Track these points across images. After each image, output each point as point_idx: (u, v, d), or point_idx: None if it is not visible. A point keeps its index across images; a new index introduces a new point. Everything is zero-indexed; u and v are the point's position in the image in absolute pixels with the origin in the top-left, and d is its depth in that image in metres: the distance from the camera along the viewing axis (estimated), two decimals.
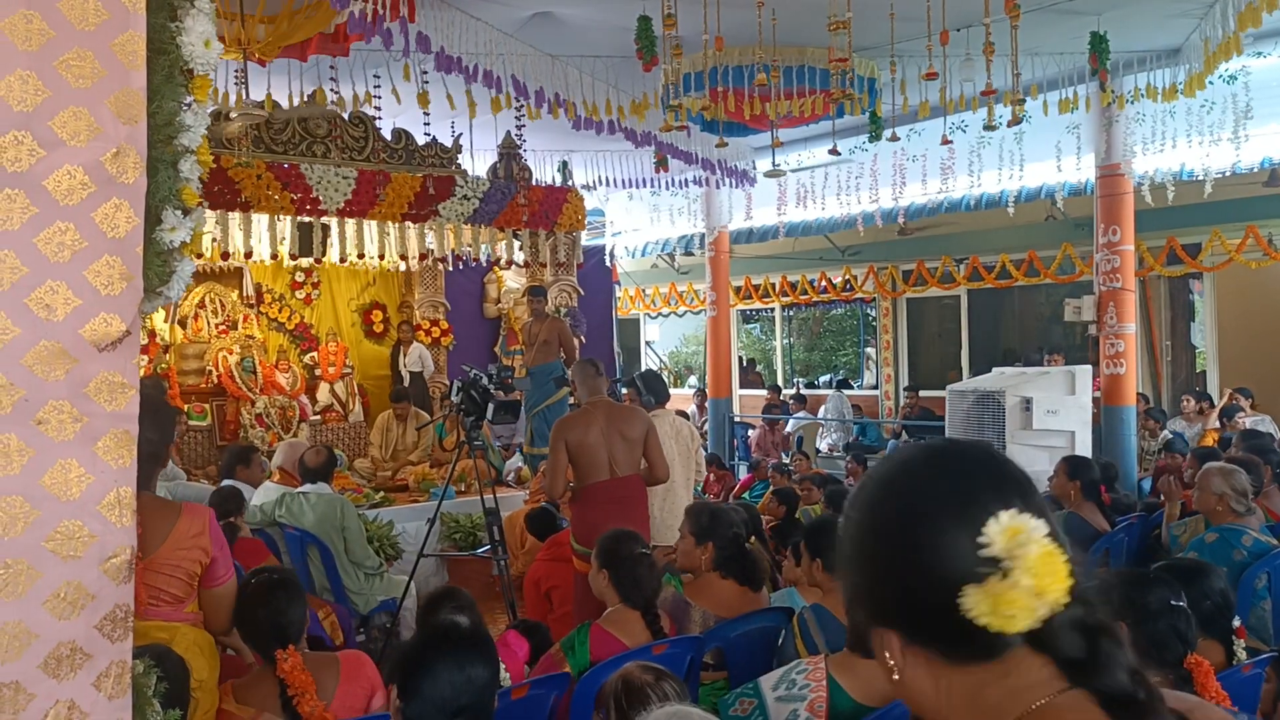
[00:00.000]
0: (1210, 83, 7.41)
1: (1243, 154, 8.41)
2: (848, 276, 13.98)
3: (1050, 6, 6.68)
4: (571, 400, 7.83)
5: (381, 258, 9.01)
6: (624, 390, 6.93)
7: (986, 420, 8.32)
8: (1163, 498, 5.83)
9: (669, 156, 9.34)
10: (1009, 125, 6.65)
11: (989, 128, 6.78)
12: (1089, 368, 8.63)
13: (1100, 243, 8.66)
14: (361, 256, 9.39)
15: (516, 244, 8.64)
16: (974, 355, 13.11)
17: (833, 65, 6.16)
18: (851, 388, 15.26)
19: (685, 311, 16.42)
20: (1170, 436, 8.98)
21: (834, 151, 7.59)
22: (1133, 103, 8.11)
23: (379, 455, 9.64)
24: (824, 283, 14.30)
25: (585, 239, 9.67)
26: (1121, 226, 8.56)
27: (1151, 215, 9.14)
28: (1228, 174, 8.66)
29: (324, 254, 8.36)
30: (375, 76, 7.33)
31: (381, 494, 8.28)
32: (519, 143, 8.45)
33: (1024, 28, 5.93)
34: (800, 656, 3.35)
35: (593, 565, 3.80)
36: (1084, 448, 7.94)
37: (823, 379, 16.28)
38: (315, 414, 9.95)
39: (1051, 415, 8.04)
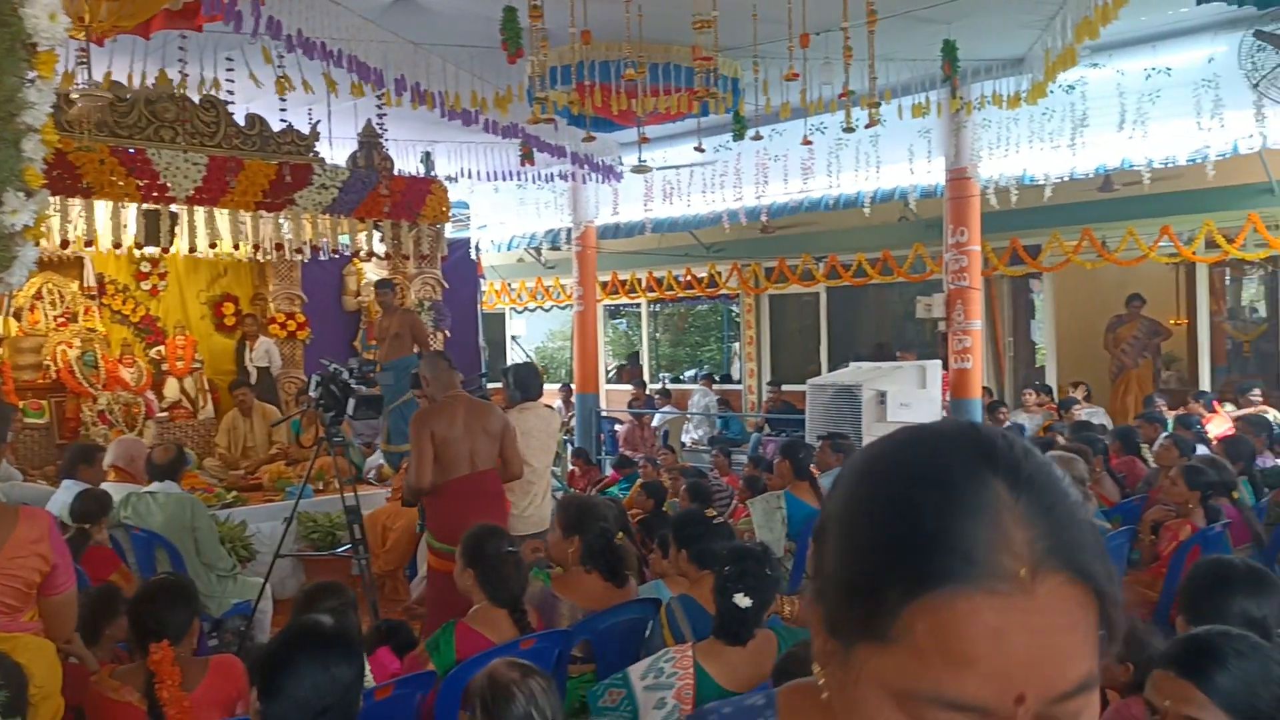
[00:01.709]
0: (1050, 91, 7.81)
1: (1079, 160, 8.91)
2: (712, 273, 14.19)
3: (905, 14, 6.92)
4: (418, 395, 7.69)
5: (235, 248, 8.67)
6: (490, 385, 6.86)
7: (844, 413, 8.60)
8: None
9: (535, 150, 9.29)
10: (866, 127, 6.86)
11: (847, 130, 6.99)
12: (939, 362, 9.01)
13: (949, 243, 9.03)
14: (213, 246, 9.01)
15: (377, 235, 8.44)
16: (833, 350, 13.50)
17: (697, 64, 6.23)
18: (717, 382, 15.51)
19: (552, 306, 16.37)
20: (1009, 426, 9.44)
21: (699, 149, 7.69)
22: (979, 109, 8.48)
23: (228, 454, 9.29)
24: (689, 279, 14.49)
25: (449, 231, 9.53)
26: (969, 228, 8.94)
27: (996, 217, 9.59)
28: (1066, 179, 9.16)
29: (172, 243, 7.98)
30: (229, 60, 7.04)
31: (234, 493, 7.98)
32: (380, 131, 8.25)
33: (880, 34, 6.13)
34: (668, 646, 3.39)
35: (458, 563, 3.75)
36: None
37: (688, 374, 16.48)
38: (162, 411, 9.51)
39: (904, 408, 8.36)
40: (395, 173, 8.69)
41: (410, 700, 3.23)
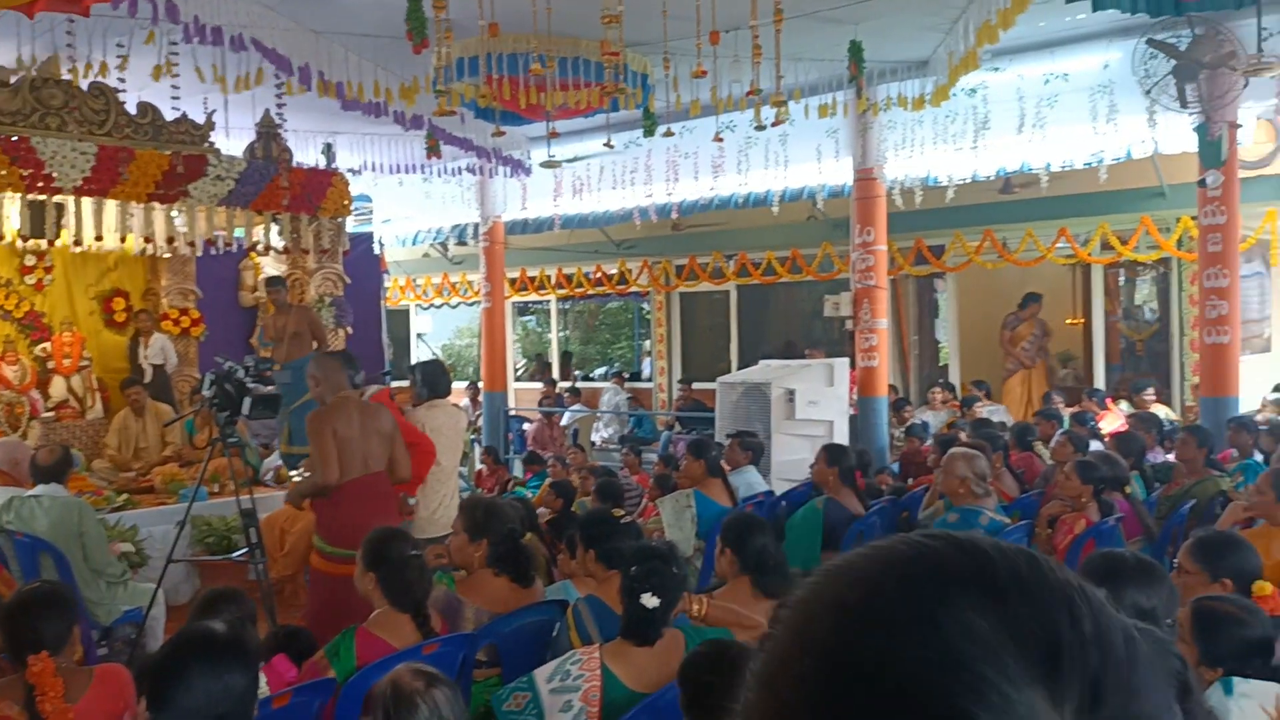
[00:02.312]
0: (953, 94, 7.97)
1: (981, 162, 9.11)
2: (623, 270, 14.16)
3: (812, 14, 6.97)
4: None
5: (124, 241, 8.32)
6: (392, 382, 6.70)
7: (754, 411, 8.64)
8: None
9: (441, 142, 9.13)
10: (773, 125, 6.90)
11: (758, 128, 7.02)
12: (846, 360, 9.13)
13: (856, 242, 9.16)
14: (101, 239, 8.63)
15: (275, 229, 8.18)
16: (743, 348, 13.58)
17: (606, 59, 6.19)
18: (627, 380, 15.49)
19: (459, 303, 16.16)
20: (913, 423, 9.61)
21: (608, 145, 7.64)
22: (885, 110, 8.62)
23: (118, 455, 8.91)
24: (599, 276, 14.42)
25: (351, 225, 9.31)
26: (875, 228, 9.08)
27: (901, 218, 9.75)
28: (968, 181, 9.36)
29: (58, 236, 7.61)
30: (120, 45, 6.75)
31: (124, 496, 7.65)
32: (279, 122, 8.01)
33: (788, 33, 6.17)
34: (575, 648, 3.34)
35: (358, 567, 3.64)
36: (842, 436, 8.39)
37: (598, 371, 16.43)
38: (48, 410, 9.08)
39: (813, 406, 8.43)
40: (295, 164, 8.44)
41: (309, 708, 3.15)
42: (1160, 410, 9.40)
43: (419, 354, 16.44)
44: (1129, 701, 0.50)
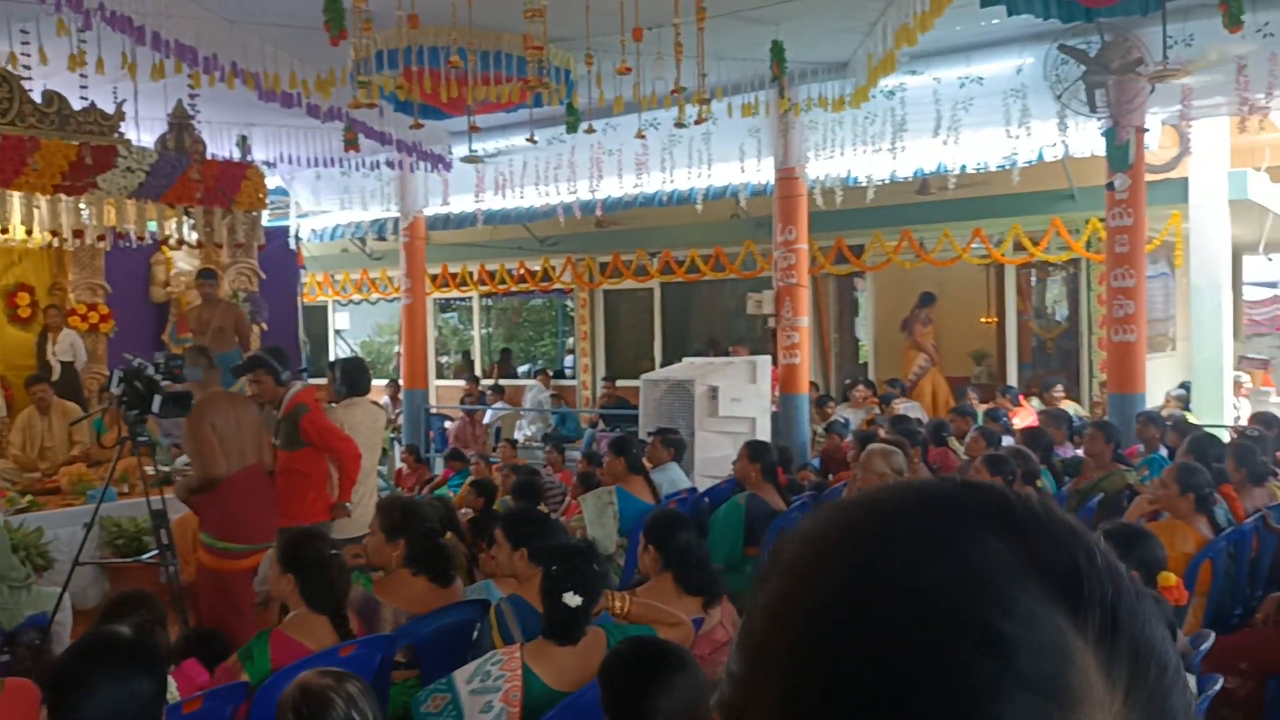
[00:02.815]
0: (872, 96, 8.09)
1: (899, 164, 9.27)
2: (546, 267, 14.09)
3: (734, 13, 7.01)
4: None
5: (29, 234, 8.02)
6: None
7: (678, 408, 8.67)
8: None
9: (360, 135, 8.97)
10: (696, 123, 6.92)
11: (679, 125, 7.04)
12: (768, 358, 9.21)
13: (778, 241, 9.24)
14: (5, 232, 8.31)
15: (188, 222, 7.96)
16: (666, 346, 13.63)
17: (529, 53, 6.14)
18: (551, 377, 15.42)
19: (378, 299, 15.92)
20: (834, 419, 9.75)
21: (531, 140, 7.59)
22: (807, 111, 8.71)
23: (23, 455, 8.58)
24: (522, 272, 14.34)
25: (267, 219, 9.09)
26: (797, 227, 9.17)
27: (823, 217, 9.87)
28: (887, 182, 9.51)
29: None
30: (24, 32, 6.50)
31: (29, 497, 7.37)
32: (192, 113, 7.79)
33: (710, 32, 6.19)
34: (497, 648, 3.31)
35: (274, 569, 3.55)
36: (764, 433, 8.46)
37: (522, 369, 16.34)
38: None
39: (736, 403, 8.49)
40: (208, 156, 8.23)
41: (221, 713, 3.07)
42: (1070, 406, 9.68)
43: (338, 351, 16.17)
44: (1142, 629, 0.51)
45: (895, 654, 0.48)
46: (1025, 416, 9.60)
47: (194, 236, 8.05)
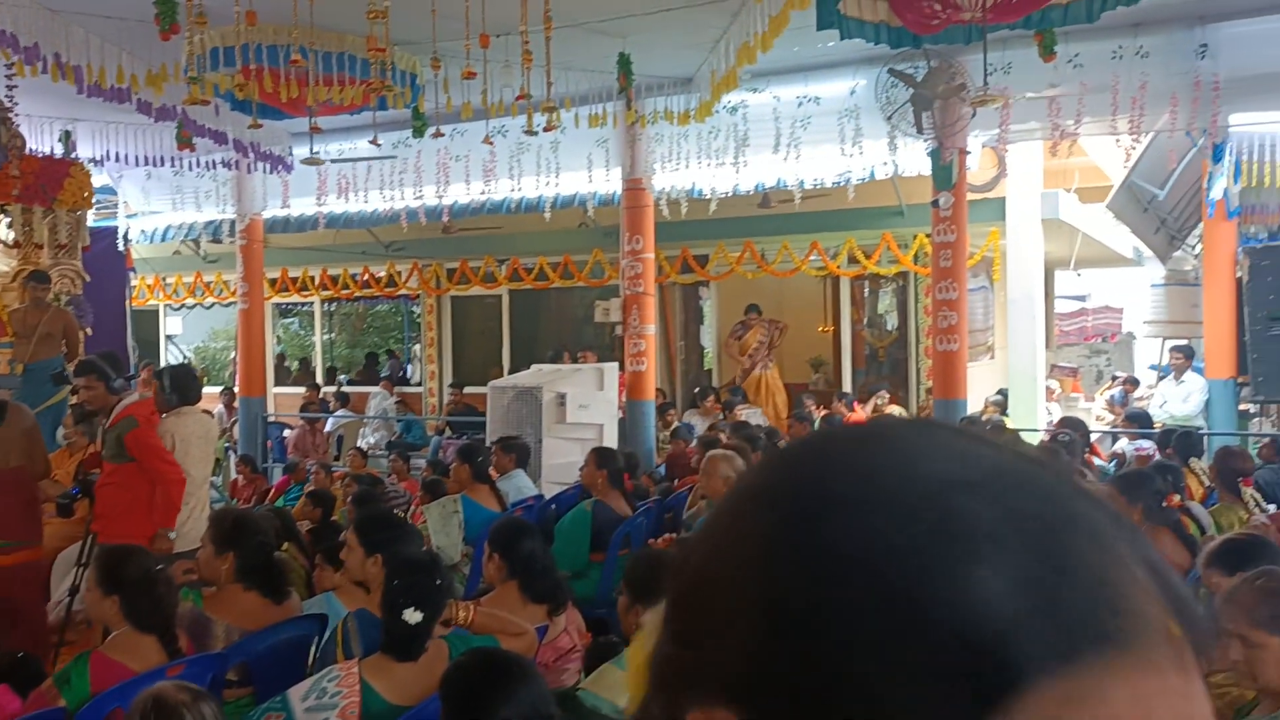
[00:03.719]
0: (716, 111, 8.30)
1: (742, 178, 9.53)
2: (391, 272, 13.84)
3: (582, 24, 7.08)
4: (74, 399, 6.94)
5: None
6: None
7: (525, 415, 8.67)
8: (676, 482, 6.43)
9: (194, 134, 8.62)
10: (544, 131, 6.96)
11: (528, 133, 7.06)
12: (615, 365, 9.32)
13: (626, 250, 9.36)
14: None
15: (5, 220, 7.49)
16: (515, 353, 13.58)
17: (372, 55, 6.05)
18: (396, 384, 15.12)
19: (213, 303, 15.29)
20: (678, 425, 9.93)
21: (375, 143, 7.47)
22: (653, 123, 8.86)
23: None
24: (367, 277, 14.04)
25: (93, 219, 8.63)
26: (644, 236, 9.32)
27: (669, 227, 10.06)
28: (730, 194, 9.77)
29: None
30: None
31: None
32: (9, 105, 7.34)
33: (558, 42, 6.24)
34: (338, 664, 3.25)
35: (94, 591, 3.39)
36: (611, 439, 8.56)
37: (342, 377, 15.95)
38: None
39: (583, 409, 8.56)
40: (28, 152, 7.76)
41: None
42: (898, 411, 10.14)
43: (169, 357, 15.44)
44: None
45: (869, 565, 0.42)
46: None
47: (11, 235, 7.58)
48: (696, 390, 11.95)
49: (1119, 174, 10.45)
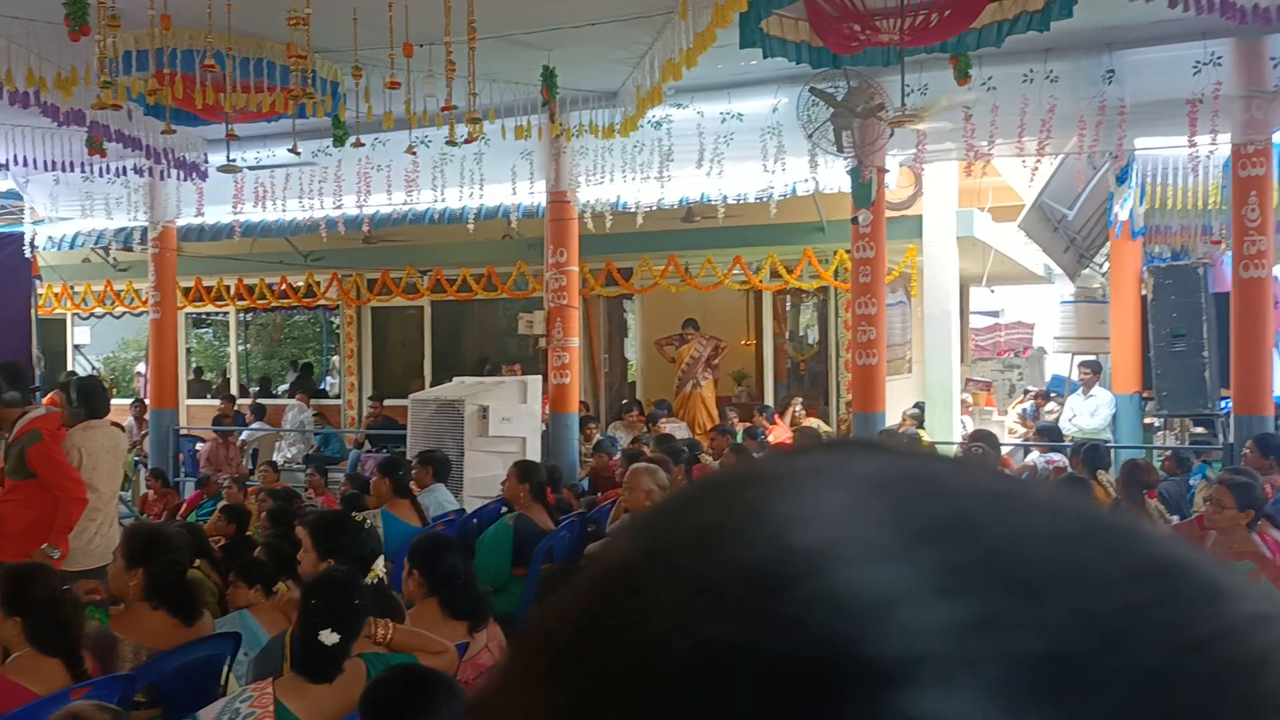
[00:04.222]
0: (641, 126, 8.34)
1: (666, 192, 9.59)
2: (310, 282, 13.61)
3: (506, 35, 7.07)
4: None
5: None
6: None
7: (447, 428, 8.58)
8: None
9: (105, 139, 8.38)
10: (467, 143, 6.92)
11: (450, 143, 7.01)
12: (539, 378, 9.28)
13: (550, 262, 9.34)
14: None
15: None
16: (436, 365, 13.44)
17: (292, 62, 5.95)
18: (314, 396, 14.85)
19: (124, 313, 14.85)
20: (601, 438, 9.92)
21: (294, 151, 7.34)
22: (578, 137, 8.87)
23: None
24: (284, 287, 13.78)
25: None
26: (568, 249, 9.31)
27: (593, 240, 10.07)
28: (654, 208, 9.83)
29: None
30: None
31: None
32: None
33: (483, 53, 6.22)
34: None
35: None
36: (535, 452, 8.51)
37: (282, 388, 15.65)
38: None
39: (506, 423, 8.50)
40: None
41: None
42: (815, 423, 10.29)
43: (78, 368, 14.94)
44: None
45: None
46: (781, 434, 10.12)
47: None
48: (624, 402, 11.97)
49: (1030, 194, 10.77)
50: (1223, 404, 8.39)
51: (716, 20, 5.77)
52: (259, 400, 13.86)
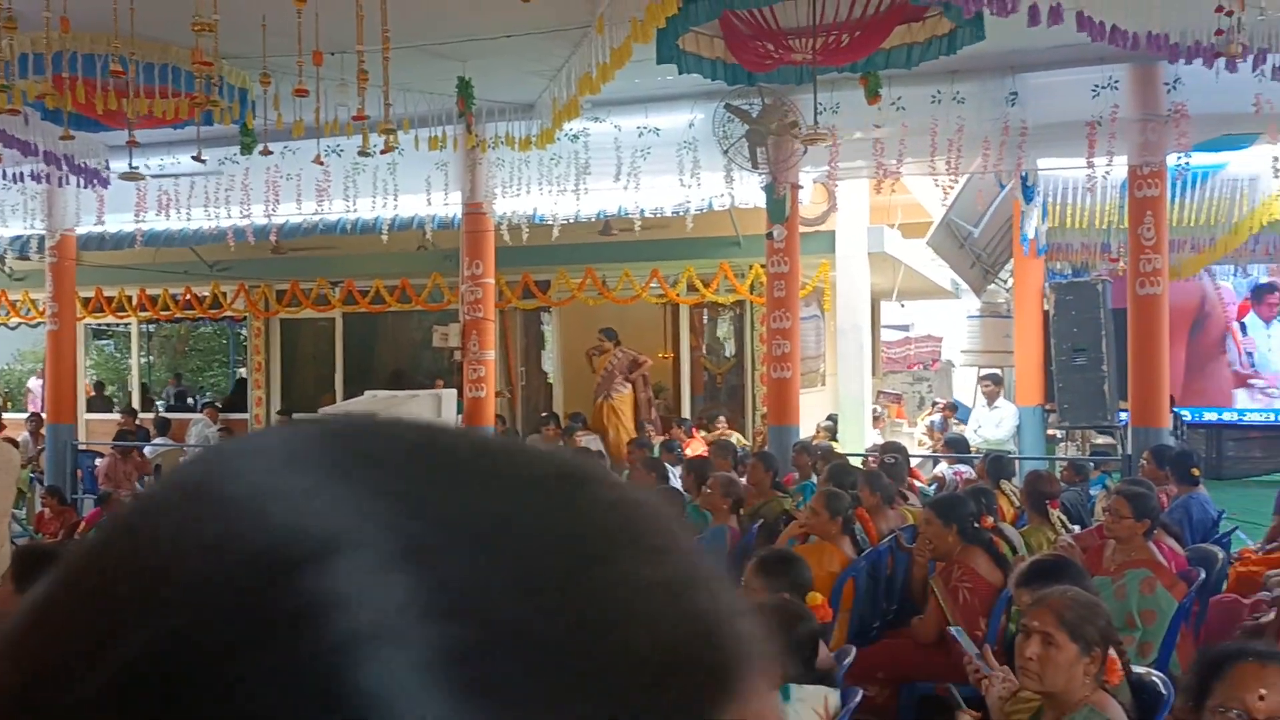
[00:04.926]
0: (558, 139, 8.32)
1: (583, 205, 9.59)
2: (216, 293, 13.26)
3: (421, 46, 6.99)
4: None
5: None
6: None
7: None
8: None
9: (1, 145, 8.05)
10: (381, 153, 6.82)
11: (363, 153, 6.90)
12: (454, 391, 9.18)
13: (465, 275, 9.26)
14: None
15: None
16: (348, 378, 13.20)
17: (197, 68, 5.80)
18: (221, 410, 14.45)
19: (19, 323, 14.28)
20: None
21: (199, 159, 7.16)
22: (494, 148, 8.81)
23: None
24: (189, 298, 13.41)
25: None
26: (484, 261, 9.23)
27: (510, 252, 10.00)
28: (572, 221, 9.81)
29: None
30: None
31: None
32: None
33: (397, 62, 6.13)
34: None
35: None
36: None
37: (188, 401, 15.21)
38: None
39: None
40: None
41: None
42: (734, 437, 10.37)
43: None
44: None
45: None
46: (697, 447, 10.17)
47: None
48: (543, 415, 11.90)
49: (938, 211, 11.04)
50: (1121, 416, 8.69)
51: (634, 36, 5.79)
52: (163, 415, 13.44)
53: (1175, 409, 9.15)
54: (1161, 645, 4.06)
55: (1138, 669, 3.15)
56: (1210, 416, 11.72)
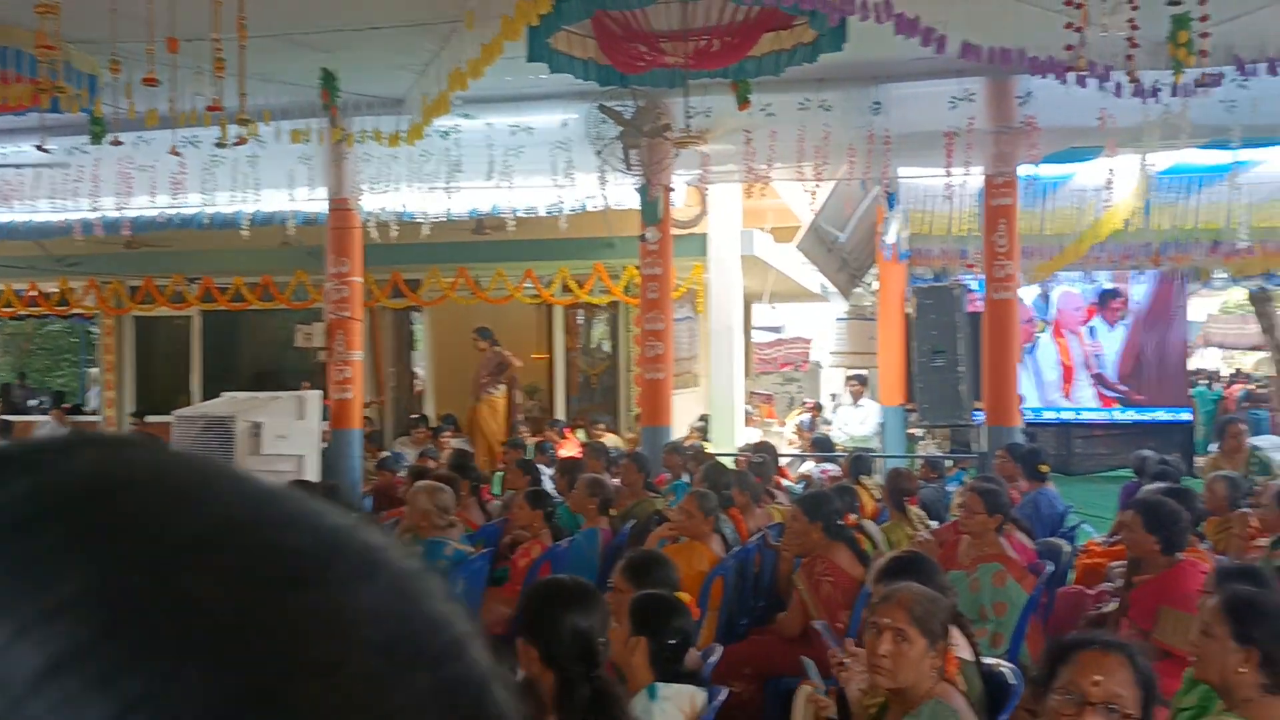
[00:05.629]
0: (428, 135, 8.17)
1: (455, 203, 9.44)
2: (64, 289, 12.58)
3: (282, 35, 6.76)
4: None
5: None
6: None
7: (217, 447, 8.09)
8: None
9: None
10: (237, 144, 6.58)
11: (220, 145, 6.64)
12: (318, 393, 8.91)
13: (331, 273, 9.00)
14: None
15: None
16: (207, 379, 12.70)
17: (40, 52, 5.48)
18: (70, 412, 13.71)
19: None
20: (385, 455, 9.63)
21: (43, 148, 6.76)
22: (361, 143, 8.59)
23: None
24: (34, 294, 12.69)
25: None
26: (351, 259, 8.99)
27: (378, 250, 9.76)
28: (443, 219, 9.65)
29: None
30: None
31: None
32: None
33: (257, 52, 5.92)
34: None
35: None
36: (313, 471, 8.15)
37: (32, 402, 14.37)
38: None
39: (281, 440, 8.10)
40: None
41: None
42: (610, 438, 10.38)
43: None
44: None
45: None
46: (571, 448, 10.14)
47: None
48: (415, 417, 11.67)
49: (807, 216, 11.29)
50: (976, 415, 9.04)
51: (504, 33, 5.73)
52: (3, 417, 12.66)
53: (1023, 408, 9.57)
54: (1012, 636, 4.22)
55: (988, 660, 3.26)
56: (1049, 415, 12.19)
